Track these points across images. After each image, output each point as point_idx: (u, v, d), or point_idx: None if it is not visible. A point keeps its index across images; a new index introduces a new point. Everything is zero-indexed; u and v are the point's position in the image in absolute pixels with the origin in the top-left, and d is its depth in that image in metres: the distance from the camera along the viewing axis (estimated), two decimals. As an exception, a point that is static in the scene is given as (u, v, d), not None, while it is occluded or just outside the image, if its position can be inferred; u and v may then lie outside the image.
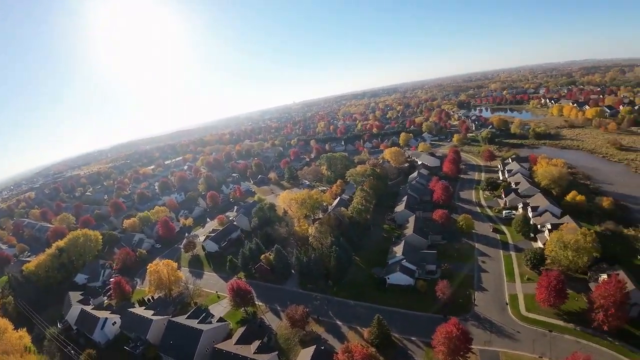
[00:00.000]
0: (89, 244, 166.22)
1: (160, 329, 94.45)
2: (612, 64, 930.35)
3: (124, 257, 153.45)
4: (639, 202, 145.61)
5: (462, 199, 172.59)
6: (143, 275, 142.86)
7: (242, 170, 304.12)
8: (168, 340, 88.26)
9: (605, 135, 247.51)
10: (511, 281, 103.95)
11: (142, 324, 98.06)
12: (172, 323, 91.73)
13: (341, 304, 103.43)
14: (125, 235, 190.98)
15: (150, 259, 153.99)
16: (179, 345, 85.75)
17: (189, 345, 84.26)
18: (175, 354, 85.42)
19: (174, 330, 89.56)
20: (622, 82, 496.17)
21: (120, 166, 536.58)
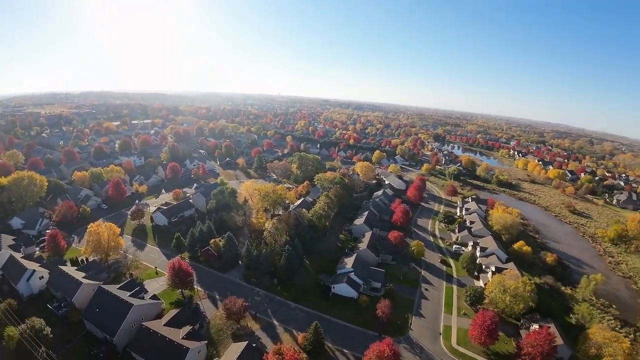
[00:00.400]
0: (33, 188, 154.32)
1: (88, 294, 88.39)
2: (582, 133, 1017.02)
3: (66, 210, 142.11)
4: (580, 264, 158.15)
5: (419, 226, 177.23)
6: (82, 234, 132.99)
7: (210, 148, 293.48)
8: (94, 307, 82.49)
9: (561, 197, 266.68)
10: (448, 313, 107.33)
11: (70, 284, 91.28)
12: (102, 291, 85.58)
13: (282, 305, 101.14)
14: (72, 187, 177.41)
15: (93, 219, 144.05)
16: (105, 315, 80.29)
17: (115, 317, 78.84)
18: (99, 323, 79.89)
19: (102, 299, 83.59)
20: (588, 152, 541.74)
21: (84, 114, 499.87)
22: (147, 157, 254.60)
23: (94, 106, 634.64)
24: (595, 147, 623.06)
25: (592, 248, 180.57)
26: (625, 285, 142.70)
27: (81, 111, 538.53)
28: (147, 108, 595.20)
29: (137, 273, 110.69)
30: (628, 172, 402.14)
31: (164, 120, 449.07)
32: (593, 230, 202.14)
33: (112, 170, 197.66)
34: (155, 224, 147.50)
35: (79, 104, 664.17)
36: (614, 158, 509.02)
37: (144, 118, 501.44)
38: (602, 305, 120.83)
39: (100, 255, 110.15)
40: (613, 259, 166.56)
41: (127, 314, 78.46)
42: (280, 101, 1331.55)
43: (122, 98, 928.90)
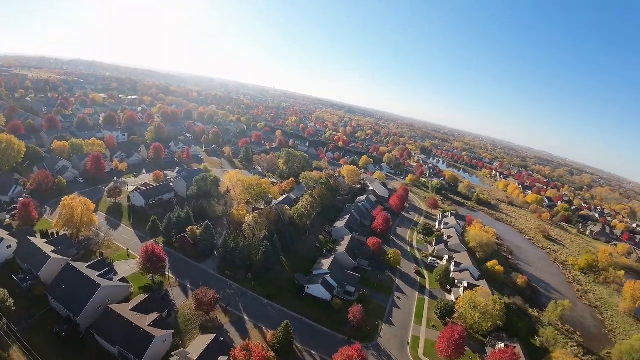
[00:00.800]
0: (10, 152, 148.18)
1: (55, 269, 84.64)
2: (564, 163, 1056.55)
3: (41, 179, 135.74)
4: (548, 288, 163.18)
5: (398, 235, 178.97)
6: (55, 206, 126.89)
7: (197, 133, 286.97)
8: (60, 284, 79.02)
9: (537, 222, 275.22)
10: (418, 323, 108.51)
11: (38, 257, 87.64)
12: (70, 267, 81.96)
13: (254, 300, 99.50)
14: (51, 157, 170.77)
15: (68, 191, 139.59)
16: (71, 292, 76.85)
17: (81, 296, 75.58)
18: (64, 300, 76.33)
19: (69, 276, 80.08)
20: (567, 181, 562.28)
21: (72, 82, 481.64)
22: (131, 134, 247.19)
23: (82, 75, 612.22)
24: (575, 178, 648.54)
25: (562, 274, 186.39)
26: (590, 314, 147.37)
27: (69, 79, 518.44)
28: (137, 84, 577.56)
29: (107, 253, 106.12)
30: (604, 205, 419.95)
31: (152, 99, 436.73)
32: (564, 258, 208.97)
33: (93, 143, 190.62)
34: (132, 204, 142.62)
35: (68, 71, 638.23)
36: (592, 190, 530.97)
37: (133, 94, 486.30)
38: (567, 331, 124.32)
39: (71, 230, 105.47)
40: (581, 287, 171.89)
41: (94, 294, 75.20)
42: (274, 94, 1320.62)
43: (113, 70, 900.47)
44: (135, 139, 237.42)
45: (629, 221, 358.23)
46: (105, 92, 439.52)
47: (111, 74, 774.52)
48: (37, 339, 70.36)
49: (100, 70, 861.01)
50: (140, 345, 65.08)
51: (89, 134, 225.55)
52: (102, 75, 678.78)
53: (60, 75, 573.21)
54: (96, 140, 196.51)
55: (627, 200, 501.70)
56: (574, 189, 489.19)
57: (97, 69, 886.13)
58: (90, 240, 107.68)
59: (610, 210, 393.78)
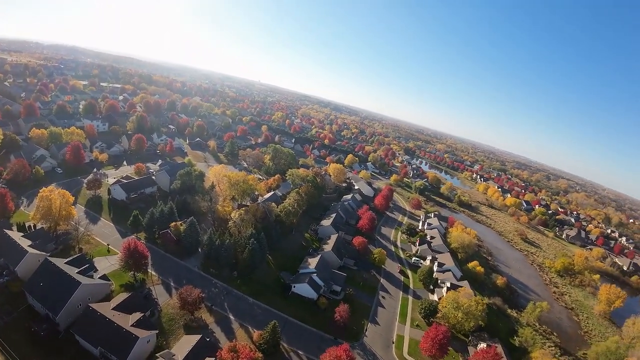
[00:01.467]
0: None
1: (33, 264, 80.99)
2: (541, 168, 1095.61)
3: (18, 169, 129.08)
4: (526, 290, 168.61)
5: (382, 234, 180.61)
6: (32, 198, 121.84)
7: (181, 125, 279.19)
8: (38, 280, 75.39)
9: (515, 224, 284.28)
10: (402, 323, 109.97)
11: (14, 252, 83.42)
12: (49, 263, 78.25)
13: (240, 299, 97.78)
14: (28, 145, 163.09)
15: (46, 182, 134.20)
16: (49, 290, 73.43)
17: (60, 294, 72.33)
18: (42, 298, 73.08)
19: (48, 272, 76.56)
20: (544, 186, 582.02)
21: (52, 68, 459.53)
22: (112, 124, 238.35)
23: (63, 60, 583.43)
24: (552, 183, 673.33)
25: (539, 276, 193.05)
26: (567, 316, 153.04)
27: (49, 64, 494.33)
28: (118, 71, 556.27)
29: (87, 248, 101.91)
30: (579, 210, 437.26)
31: (135, 88, 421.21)
32: (541, 260, 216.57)
33: (72, 132, 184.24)
34: (112, 198, 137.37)
35: (48, 56, 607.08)
36: (568, 195, 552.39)
37: (114, 82, 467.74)
38: (544, 332, 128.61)
39: (49, 223, 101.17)
40: (558, 289, 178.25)
41: (74, 292, 72.03)
42: (260, 88, 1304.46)
43: (94, 57, 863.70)
44: (116, 129, 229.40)
45: (603, 227, 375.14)
46: (86, 79, 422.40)
47: (92, 60, 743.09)
48: (14, 337, 67.24)
49: (81, 55, 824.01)
50: (123, 346, 62.69)
51: (68, 122, 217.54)
52: (83, 61, 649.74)
53: (40, 59, 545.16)
54: (76, 129, 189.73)
55: (602, 206, 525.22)
56: (551, 194, 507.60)
57: (77, 54, 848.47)
58: (69, 235, 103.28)
59: (585, 215, 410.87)
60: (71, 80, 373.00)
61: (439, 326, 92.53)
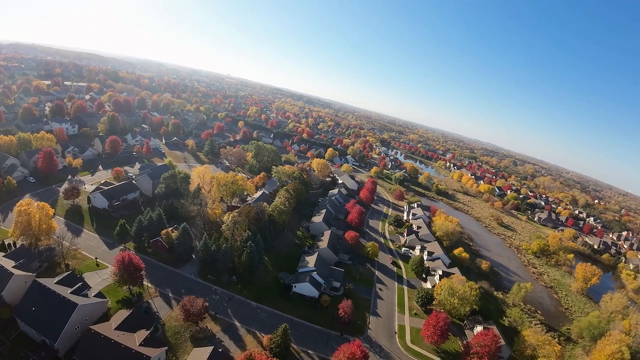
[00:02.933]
0: None
1: (20, 287, 75.15)
2: (507, 154, 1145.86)
3: None
4: (508, 272, 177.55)
5: (371, 227, 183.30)
6: (6, 212, 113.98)
7: (155, 124, 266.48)
8: (29, 304, 69.91)
9: (490, 210, 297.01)
10: (401, 312, 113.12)
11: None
12: (38, 285, 72.67)
13: (243, 304, 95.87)
14: None
15: (19, 193, 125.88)
16: (43, 314, 68.13)
17: (57, 318, 67.51)
18: (36, 324, 67.83)
19: (39, 295, 71.06)
20: (513, 171, 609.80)
21: (12, 69, 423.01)
22: (82, 126, 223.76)
23: (23, 60, 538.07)
24: (519, 168, 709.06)
25: (518, 258, 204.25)
26: (547, 294, 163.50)
27: (9, 64, 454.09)
28: (82, 69, 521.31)
29: (74, 264, 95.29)
30: (548, 193, 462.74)
31: (101, 86, 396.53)
32: (518, 243, 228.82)
33: (42, 137, 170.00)
34: (92, 206, 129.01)
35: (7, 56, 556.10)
36: (535, 180, 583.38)
37: (79, 80, 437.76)
38: (529, 311, 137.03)
39: (29, 239, 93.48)
40: (536, 270, 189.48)
41: (71, 314, 67.29)
42: (230, 82, 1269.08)
43: (54, 54, 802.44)
44: (87, 131, 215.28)
45: (571, 208, 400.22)
46: (48, 79, 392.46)
47: (53, 58, 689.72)
48: (10, 368, 61.82)
49: (40, 54, 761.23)
50: (134, 367, 59.41)
51: (35, 126, 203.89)
52: (44, 59, 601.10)
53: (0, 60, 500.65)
54: (45, 133, 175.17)
55: (568, 188, 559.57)
56: (519, 179, 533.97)
57: (37, 52, 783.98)
58: (52, 250, 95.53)
59: (553, 198, 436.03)
60: (34, 80, 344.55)
61: (439, 314, 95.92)
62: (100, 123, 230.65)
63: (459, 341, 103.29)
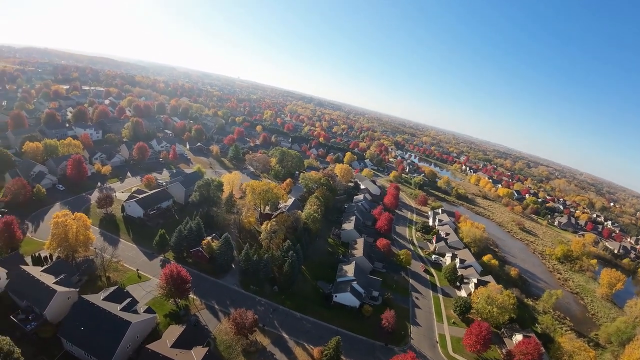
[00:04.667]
0: None
1: (63, 304, 73.23)
2: (520, 155, 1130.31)
3: (17, 188, 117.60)
4: (534, 278, 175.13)
5: (398, 233, 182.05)
6: (36, 221, 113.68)
7: (178, 130, 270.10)
8: (76, 323, 67.48)
9: (510, 214, 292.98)
10: (440, 322, 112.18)
11: (39, 291, 73.57)
12: (85, 303, 70.40)
13: (287, 315, 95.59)
14: (23, 161, 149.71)
15: (49, 202, 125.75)
16: (92, 334, 65.93)
17: (108, 337, 65.52)
18: (85, 344, 65.27)
19: (86, 313, 68.78)
20: (528, 174, 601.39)
21: (30, 73, 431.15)
22: (106, 132, 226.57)
23: (39, 64, 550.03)
24: (533, 170, 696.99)
25: (542, 264, 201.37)
26: (573, 300, 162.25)
27: (26, 68, 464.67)
28: (99, 73, 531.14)
29: (115, 276, 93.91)
30: (565, 196, 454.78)
31: (119, 90, 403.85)
32: (541, 248, 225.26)
33: (69, 143, 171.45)
34: (127, 215, 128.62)
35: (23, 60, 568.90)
36: (551, 182, 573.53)
37: (97, 84, 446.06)
38: (559, 317, 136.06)
39: (66, 251, 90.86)
40: (561, 276, 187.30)
41: (125, 334, 65.48)
42: (241, 85, 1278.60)
43: (68, 58, 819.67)
44: (112, 137, 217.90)
45: (589, 212, 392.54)
46: (66, 83, 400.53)
47: (67, 62, 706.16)
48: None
49: (55, 58, 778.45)
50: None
51: (59, 132, 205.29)
52: (60, 63, 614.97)
53: (16, 64, 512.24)
54: (72, 140, 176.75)
55: (583, 191, 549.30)
56: (535, 182, 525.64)
57: (51, 56, 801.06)
58: (91, 263, 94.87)
59: (571, 201, 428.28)
60: (53, 85, 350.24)
61: (481, 323, 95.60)
62: (124, 129, 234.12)
63: (498, 350, 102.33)
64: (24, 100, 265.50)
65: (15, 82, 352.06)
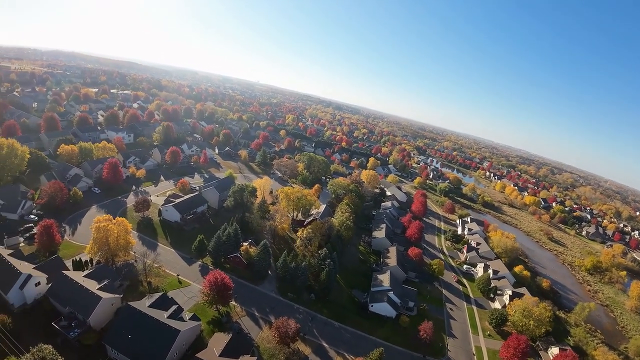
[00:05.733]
0: (13, 159, 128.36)
1: (107, 310, 73.61)
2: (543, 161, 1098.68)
3: (54, 191, 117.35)
4: (564, 290, 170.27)
5: (426, 242, 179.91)
6: (73, 224, 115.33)
7: (206, 134, 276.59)
8: (122, 330, 67.34)
9: (538, 224, 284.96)
10: (475, 334, 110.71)
11: (83, 298, 72.51)
12: (131, 310, 70.32)
13: (326, 324, 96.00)
14: (59, 164, 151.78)
15: (85, 205, 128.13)
16: (140, 342, 65.35)
17: (156, 345, 65.05)
18: (132, 352, 64.74)
19: (132, 320, 68.88)
20: (552, 181, 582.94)
21: (58, 75, 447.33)
22: (137, 135, 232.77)
23: (67, 67, 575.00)
24: (557, 177, 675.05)
25: (572, 275, 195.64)
26: (603, 312, 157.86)
27: (54, 71, 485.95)
28: (126, 77, 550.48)
29: (156, 281, 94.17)
30: (591, 205, 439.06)
31: (146, 94, 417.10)
32: (570, 259, 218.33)
33: (104, 147, 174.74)
34: (163, 219, 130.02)
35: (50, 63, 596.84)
36: (576, 190, 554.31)
37: (124, 88, 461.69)
38: (590, 330, 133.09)
39: (105, 255, 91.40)
40: (591, 288, 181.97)
41: (173, 342, 65.14)
42: (260, 89, 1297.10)
43: (94, 62, 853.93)
44: (143, 141, 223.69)
45: (616, 221, 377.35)
46: (95, 86, 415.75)
47: (93, 65, 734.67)
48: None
49: (81, 61, 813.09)
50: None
51: (92, 135, 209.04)
52: (86, 67, 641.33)
53: (44, 67, 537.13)
54: (106, 143, 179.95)
55: (609, 199, 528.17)
56: (561, 189, 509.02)
57: (77, 60, 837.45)
58: (131, 267, 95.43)
59: (597, 210, 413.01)
60: (82, 88, 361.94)
61: (519, 336, 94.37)
62: (155, 132, 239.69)
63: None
64: (55, 102, 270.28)
65: (44, 85, 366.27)
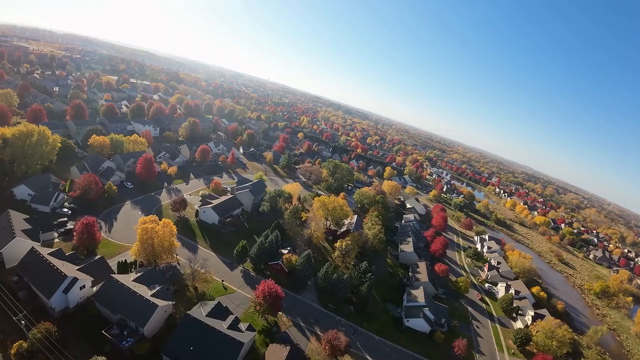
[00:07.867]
0: (44, 147, 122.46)
1: (160, 319, 72.43)
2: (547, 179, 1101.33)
3: (88, 184, 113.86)
4: (576, 312, 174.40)
5: (448, 258, 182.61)
6: (109, 219, 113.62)
7: (230, 133, 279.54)
8: (182, 341, 65.97)
9: (548, 244, 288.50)
10: (501, 352, 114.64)
11: (137, 305, 69.98)
12: (192, 320, 69.43)
13: (367, 337, 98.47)
14: (90, 156, 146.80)
15: (119, 200, 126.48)
16: (202, 354, 64.44)
17: (220, 358, 64.28)
18: None
19: (192, 330, 67.57)
20: (559, 201, 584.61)
21: (78, 60, 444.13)
22: (163, 129, 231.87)
23: (85, 52, 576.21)
24: (563, 197, 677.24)
25: (582, 299, 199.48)
26: (611, 337, 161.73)
27: (73, 55, 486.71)
28: (144, 67, 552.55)
29: (203, 287, 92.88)
30: (597, 228, 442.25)
31: (166, 86, 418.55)
32: (580, 282, 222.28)
33: (135, 140, 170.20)
34: (200, 220, 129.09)
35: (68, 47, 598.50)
36: (582, 212, 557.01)
37: (143, 78, 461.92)
38: (599, 352, 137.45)
39: (149, 258, 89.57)
40: (599, 311, 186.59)
41: (238, 354, 64.69)
42: (272, 88, 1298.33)
43: (109, 48, 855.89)
44: (169, 135, 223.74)
45: (620, 246, 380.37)
46: (114, 74, 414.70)
47: (108, 52, 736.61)
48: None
49: (97, 47, 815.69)
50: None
51: (119, 126, 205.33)
52: (103, 53, 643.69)
53: (61, 49, 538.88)
54: (137, 137, 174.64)
55: (613, 223, 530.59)
56: (569, 211, 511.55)
57: (93, 45, 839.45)
58: (175, 270, 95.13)
59: (603, 234, 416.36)
60: (103, 76, 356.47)
61: (545, 356, 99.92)
62: (182, 128, 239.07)
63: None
64: (78, 89, 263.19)
65: (64, 69, 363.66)
